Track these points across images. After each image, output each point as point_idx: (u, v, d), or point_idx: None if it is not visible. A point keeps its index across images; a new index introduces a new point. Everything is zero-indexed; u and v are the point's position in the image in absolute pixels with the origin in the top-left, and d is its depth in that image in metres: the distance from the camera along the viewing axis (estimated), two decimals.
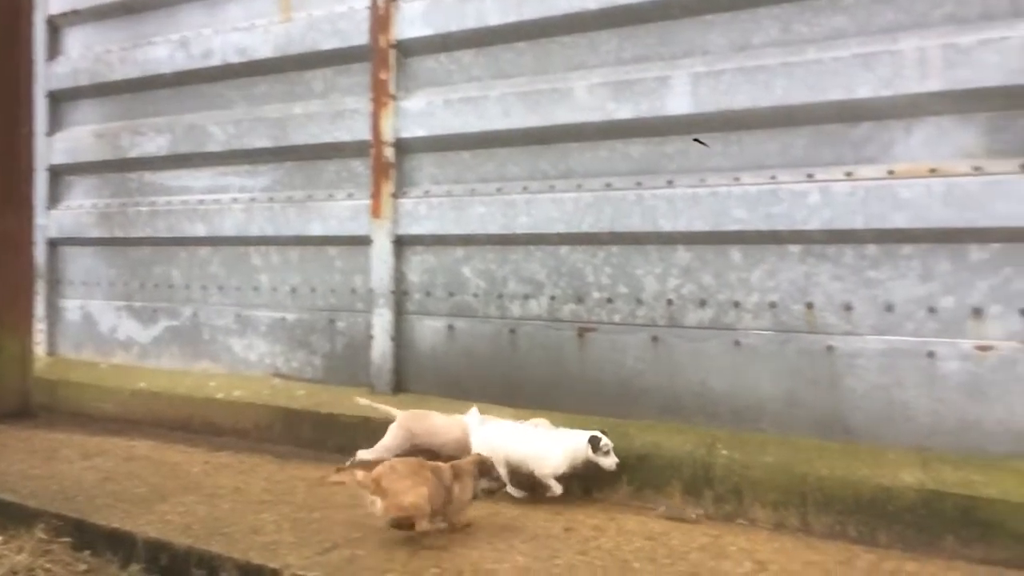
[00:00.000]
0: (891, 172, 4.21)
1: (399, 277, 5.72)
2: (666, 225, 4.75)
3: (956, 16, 4.08)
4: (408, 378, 5.68)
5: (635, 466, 4.44)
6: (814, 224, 4.36)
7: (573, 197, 5.02)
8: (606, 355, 4.95)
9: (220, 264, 6.65)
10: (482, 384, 5.31)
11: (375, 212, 5.75)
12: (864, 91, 4.24)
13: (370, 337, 5.78)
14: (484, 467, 4.04)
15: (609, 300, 4.96)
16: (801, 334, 4.43)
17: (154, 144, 6.93)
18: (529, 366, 5.20)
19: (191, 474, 4.99)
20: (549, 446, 4.40)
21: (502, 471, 4.29)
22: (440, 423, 4.71)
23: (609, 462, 4.29)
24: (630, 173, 4.89)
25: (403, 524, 3.76)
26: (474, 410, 4.74)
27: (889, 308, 4.23)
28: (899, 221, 4.17)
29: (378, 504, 3.73)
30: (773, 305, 4.51)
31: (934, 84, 4.09)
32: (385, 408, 4.79)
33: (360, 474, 3.79)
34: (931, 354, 4.12)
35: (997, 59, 3.95)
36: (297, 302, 6.23)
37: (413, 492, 3.71)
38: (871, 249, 4.28)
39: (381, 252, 5.73)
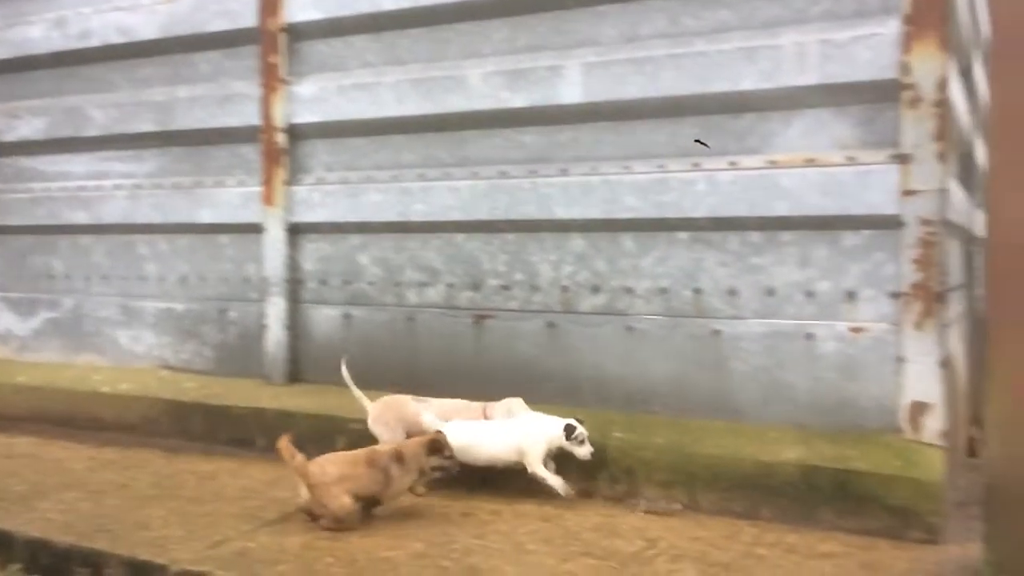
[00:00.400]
0: (772, 162, 4.38)
1: (293, 266, 5.62)
2: (561, 213, 4.82)
3: (832, 12, 4.27)
4: (304, 368, 5.60)
5: None
6: (701, 212, 4.51)
7: (469, 185, 5.03)
8: (503, 341, 5.00)
9: (104, 253, 6.39)
10: (380, 372, 5.26)
11: (267, 199, 5.62)
12: (747, 83, 4.40)
13: (264, 327, 5.67)
14: (436, 446, 4.03)
15: (505, 287, 5.01)
16: (690, 319, 4.58)
17: (31, 127, 6.60)
18: (427, 354, 5.20)
19: (74, 471, 4.80)
20: (530, 435, 4.23)
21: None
22: (413, 411, 4.53)
23: (583, 451, 4.16)
24: (525, 161, 4.94)
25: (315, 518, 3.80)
26: (447, 402, 4.56)
27: (771, 292, 4.41)
28: (780, 209, 4.35)
29: (302, 496, 3.77)
30: (664, 291, 4.63)
31: (811, 78, 4.27)
32: (359, 394, 4.64)
33: (299, 459, 3.79)
34: (810, 336, 4.32)
35: (869, 55, 4.16)
36: (186, 292, 6.05)
37: (336, 501, 3.74)
38: (754, 236, 4.45)
39: (274, 240, 5.61)
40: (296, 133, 5.58)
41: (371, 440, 4.45)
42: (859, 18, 4.21)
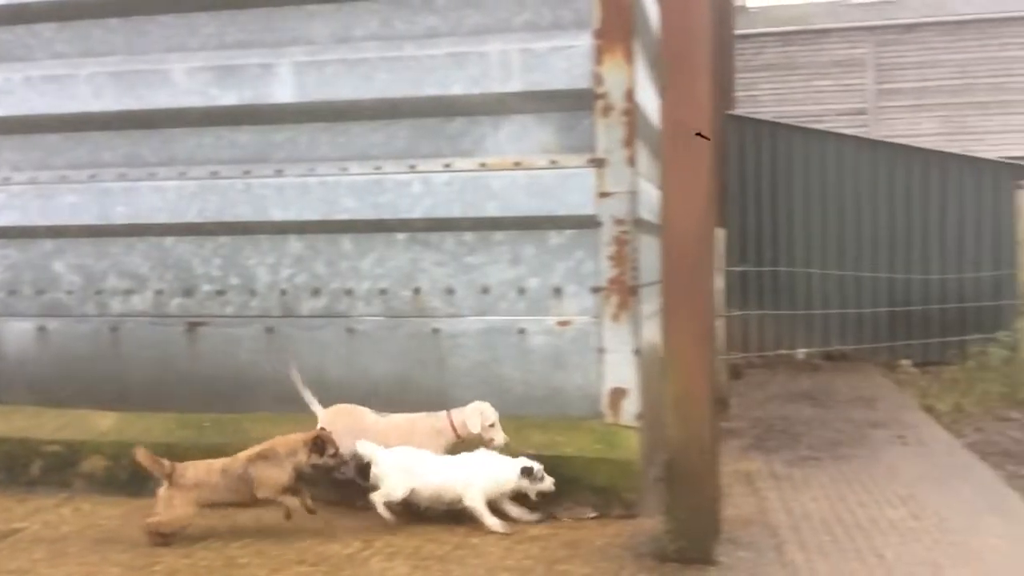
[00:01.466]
0: (483, 164, 4.54)
1: None
2: (277, 214, 4.70)
3: (533, 24, 4.49)
4: None
5: None
6: (418, 213, 4.58)
7: (177, 185, 4.77)
8: (219, 349, 4.78)
9: None
10: (82, 389, 4.86)
11: None
12: (457, 88, 4.53)
13: None
14: (318, 444, 3.83)
15: (220, 292, 4.80)
16: (410, 318, 4.64)
17: None
18: (135, 366, 4.86)
19: None
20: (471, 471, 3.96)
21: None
22: (371, 422, 4.18)
23: (546, 486, 3.98)
24: (238, 161, 4.76)
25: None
26: (406, 416, 4.22)
27: (486, 291, 4.57)
28: (491, 210, 4.52)
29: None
30: (383, 292, 4.66)
31: (515, 85, 4.48)
32: (310, 398, 4.28)
33: (166, 464, 3.76)
34: (522, 331, 4.53)
35: (566, 64, 4.43)
36: None
37: (170, 511, 3.70)
38: (468, 236, 4.59)
39: None
40: None
41: (68, 462, 4.10)
42: (556, 30, 4.47)
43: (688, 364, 3.59)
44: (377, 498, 3.93)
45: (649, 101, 4.88)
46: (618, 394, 4.39)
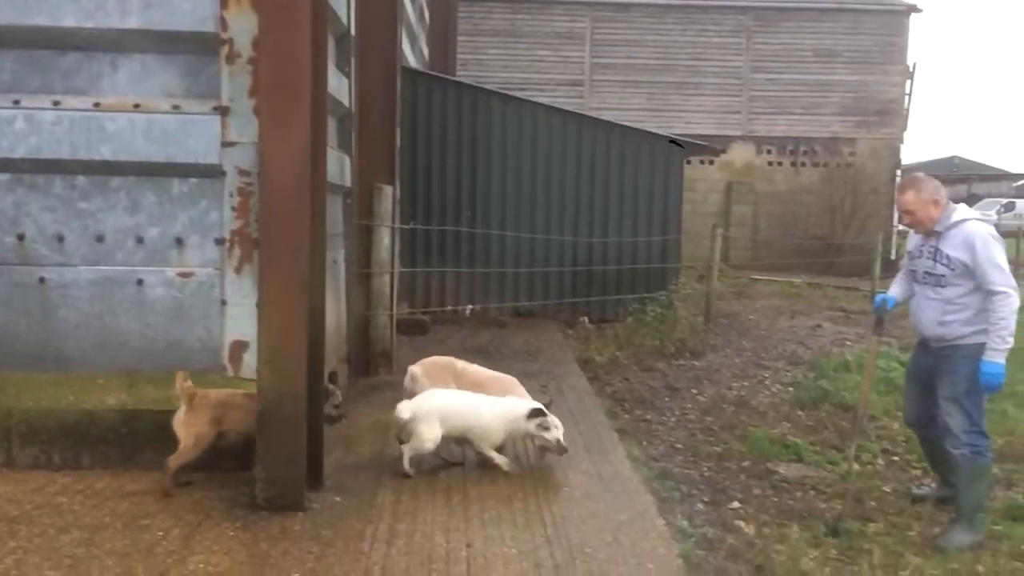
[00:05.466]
0: (98, 104, 4.26)
1: None
2: None
3: None
4: None
5: None
6: (21, 152, 4.23)
7: None
8: None
9: None
10: None
11: None
12: (69, 20, 4.20)
13: None
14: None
15: None
16: (12, 266, 4.28)
17: None
18: None
19: None
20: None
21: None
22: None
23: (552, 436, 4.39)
24: None
25: None
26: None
27: (100, 239, 4.32)
28: (106, 153, 4.26)
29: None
30: None
31: (134, 22, 4.22)
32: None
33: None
34: (140, 282, 4.33)
35: (190, 5, 4.24)
36: None
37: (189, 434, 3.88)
38: (81, 180, 4.30)
39: None
40: None
41: None
42: None
43: (282, 316, 3.63)
44: (405, 451, 4.22)
45: (333, 78, 4.79)
46: (239, 347, 4.34)
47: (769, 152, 19.05)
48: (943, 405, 4.22)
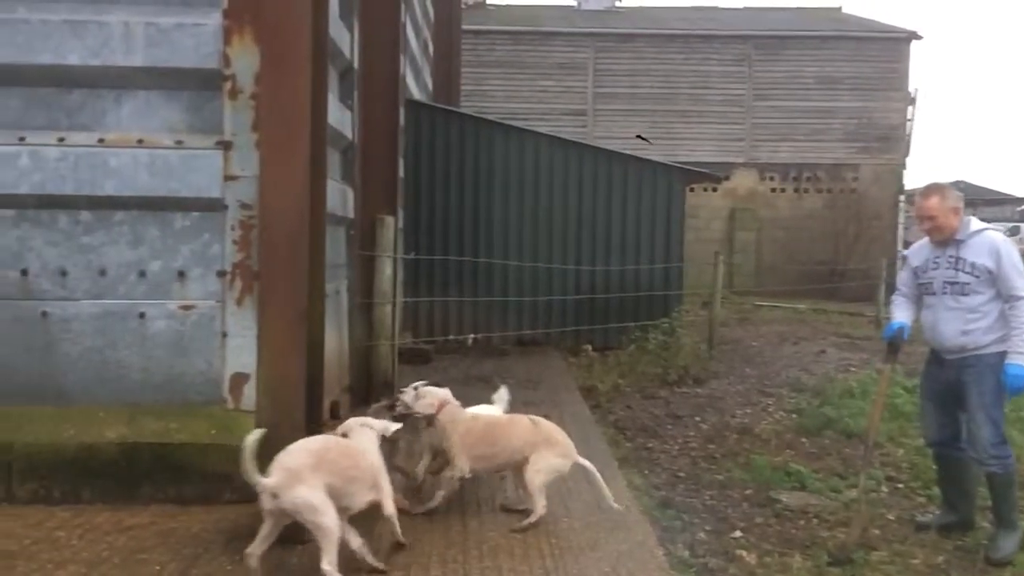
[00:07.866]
0: (102, 140, 4.32)
1: None
2: None
3: None
4: None
5: None
6: (25, 188, 4.28)
7: None
8: None
9: None
10: None
11: None
12: (74, 58, 4.27)
13: None
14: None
15: None
16: (15, 301, 4.32)
17: None
18: None
19: None
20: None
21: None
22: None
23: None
24: None
25: None
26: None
27: (103, 273, 4.36)
28: (110, 188, 4.31)
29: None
30: None
31: (139, 59, 4.30)
32: None
33: None
34: (142, 315, 4.37)
35: (193, 43, 4.32)
36: None
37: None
38: (85, 215, 4.35)
39: None
40: None
41: None
42: (185, 7, 4.34)
43: (281, 348, 3.65)
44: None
45: (336, 111, 4.86)
46: (240, 379, 4.35)
47: (772, 179, 19.15)
48: (972, 415, 4.23)
